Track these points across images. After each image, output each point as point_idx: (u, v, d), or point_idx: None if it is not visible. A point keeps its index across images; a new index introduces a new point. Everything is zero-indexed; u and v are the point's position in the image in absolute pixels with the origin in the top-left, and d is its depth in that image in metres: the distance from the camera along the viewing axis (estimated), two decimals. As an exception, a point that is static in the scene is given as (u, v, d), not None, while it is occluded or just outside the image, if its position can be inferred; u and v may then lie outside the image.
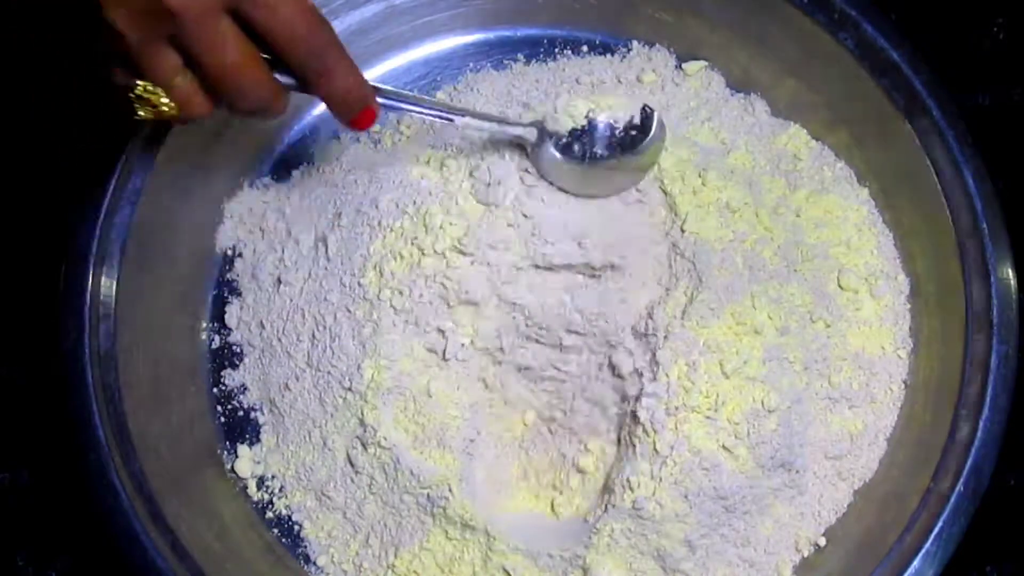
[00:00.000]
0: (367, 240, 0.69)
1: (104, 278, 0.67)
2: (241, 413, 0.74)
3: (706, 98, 0.78)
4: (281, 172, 0.79)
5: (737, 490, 0.65)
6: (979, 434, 0.65)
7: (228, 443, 0.73)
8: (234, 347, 0.75)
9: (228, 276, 0.76)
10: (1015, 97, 0.83)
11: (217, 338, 0.75)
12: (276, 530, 0.71)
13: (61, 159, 0.77)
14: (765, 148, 0.76)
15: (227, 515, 0.70)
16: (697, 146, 0.73)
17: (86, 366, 0.65)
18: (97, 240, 0.67)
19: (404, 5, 0.79)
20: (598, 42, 0.81)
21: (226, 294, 0.76)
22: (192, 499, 0.68)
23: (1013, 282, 0.68)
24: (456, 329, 0.68)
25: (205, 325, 0.75)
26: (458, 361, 0.69)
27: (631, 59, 0.80)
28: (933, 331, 0.72)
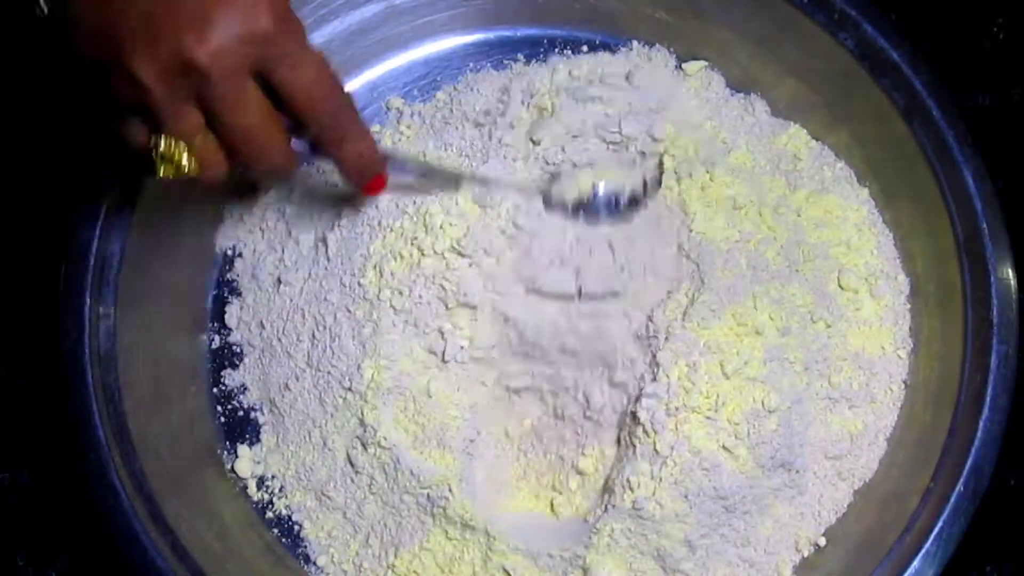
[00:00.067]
0: (367, 240, 0.69)
1: (104, 278, 0.67)
2: (241, 413, 0.73)
3: (706, 98, 0.78)
4: (281, 172, 0.79)
5: (737, 490, 0.65)
6: (979, 434, 0.65)
7: (228, 443, 0.73)
8: (234, 347, 0.75)
9: (228, 276, 0.76)
10: (1015, 97, 0.83)
11: (217, 338, 0.75)
12: (276, 530, 0.71)
13: (61, 159, 0.77)
14: (765, 148, 0.76)
15: (227, 515, 0.70)
16: (702, 142, 0.73)
17: (86, 366, 0.65)
18: (97, 240, 0.67)
19: (404, 5, 0.79)
20: (598, 42, 0.80)
21: (226, 294, 0.76)
22: (192, 499, 0.68)
23: (1013, 282, 0.68)
24: (455, 331, 0.68)
25: (205, 325, 0.75)
26: (457, 363, 0.69)
27: (631, 59, 0.80)
28: (933, 331, 0.72)
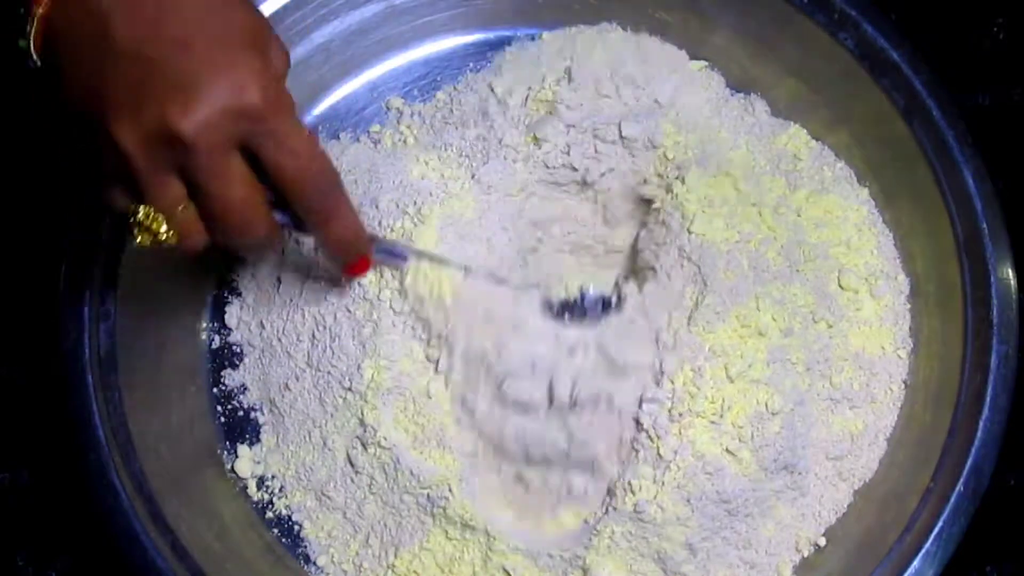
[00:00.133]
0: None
1: (104, 278, 0.67)
2: (241, 413, 0.73)
3: (706, 98, 0.78)
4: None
5: (740, 493, 0.65)
6: (979, 434, 0.65)
7: (228, 443, 0.73)
8: (234, 347, 0.75)
9: (228, 276, 0.76)
10: (1015, 97, 0.83)
11: (217, 338, 0.75)
12: (276, 530, 0.71)
13: (61, 159, 0.76)
14: (765, 148, 0.76)
15: (227, 515, 0.70)
16: (702, 142, 0.73)
17: (86, 366, 0.65)
18: (97, 240, 0.67)
19: (404, 5, 0.78)
20: (598, 42, 0.81)
21: (226, 294, 0.76)
22: (192, 499, 0.68)
23: (1013, 282, 0.67)
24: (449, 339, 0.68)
25: (205, 325, 0.75)
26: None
27: (631, 59, 0.79)
28: (933, 331, 0.72)
